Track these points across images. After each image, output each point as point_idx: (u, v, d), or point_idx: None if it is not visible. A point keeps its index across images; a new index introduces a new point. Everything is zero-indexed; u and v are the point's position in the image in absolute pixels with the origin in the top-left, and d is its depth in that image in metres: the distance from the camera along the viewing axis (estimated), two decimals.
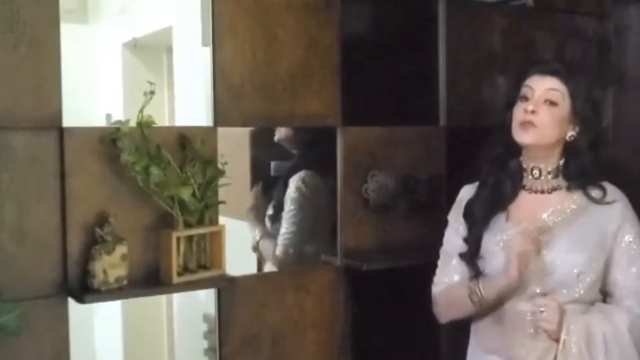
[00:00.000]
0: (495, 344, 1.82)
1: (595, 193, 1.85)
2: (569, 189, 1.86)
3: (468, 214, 1.94)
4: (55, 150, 1.99)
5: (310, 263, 2.66)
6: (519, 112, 1.83)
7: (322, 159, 2.57)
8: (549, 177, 1.87)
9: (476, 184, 1.97)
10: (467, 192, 1.98)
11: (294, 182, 2.64)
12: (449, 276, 1.96)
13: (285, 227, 2.64)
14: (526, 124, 1.80)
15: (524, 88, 1.84)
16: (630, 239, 1.82)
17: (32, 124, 1.95)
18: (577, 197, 1.86)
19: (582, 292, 1.79)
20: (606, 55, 3.13)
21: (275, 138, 2.68)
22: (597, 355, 1.72)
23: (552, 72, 1.83)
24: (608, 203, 1.83)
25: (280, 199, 2.67)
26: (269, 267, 2.71)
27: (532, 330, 1.76)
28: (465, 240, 1.93)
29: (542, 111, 1.80)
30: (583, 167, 1.85)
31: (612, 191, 1.86)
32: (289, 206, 2.64)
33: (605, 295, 1.86)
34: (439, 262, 2.01)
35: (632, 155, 3.04)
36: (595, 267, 1.81)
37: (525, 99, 1.83)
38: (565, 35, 3.05)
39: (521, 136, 1.82)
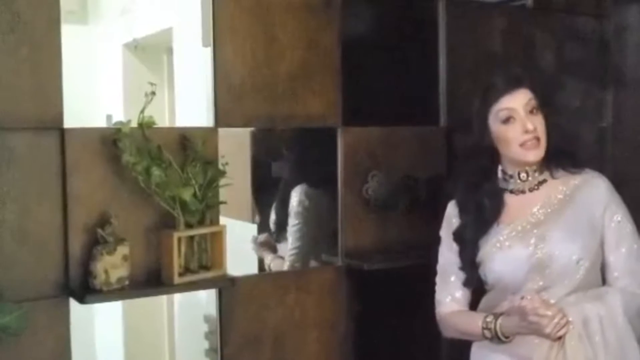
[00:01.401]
0: (506, 343, 1.82)
1: (572, 169, 1.88)
2: (552, 178, 1.88)
3: (458, 240, 1.95)
4: (57, 151, 1.99)
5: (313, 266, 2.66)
6: (515, 135, 1.82)
7: (323, 164, 2.57)
8: (536, 174, 1.89)
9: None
10: (454, 209, 1.99)
11: (296, 194, 2.64)
12: (451, 294, 1.96)
13: (291, 241, 2.64)
14: (530, 142, 1.82)
15: (500, 112, 1.84)
16: (619, 219, 1.84)
17: (33, 124, 1.96)
18: (561, 186, 1.88)
19: (582, 278, 1.81)
20: (605, 55, 3.13)
21: (285, 150, 2.68)
22: (594, 336, 1.73)
23: (515, 84, 1.84)
24: (582, 174, 1.87)
25: (284, 206, 2.67)
26: None
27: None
28: (461, 268, 1.94)
29: (536, 123, 1.82)
30: (560, 148, 1.88)
31: (592, 172, 1.89)
32: (293, 220, 2.63)
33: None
34: (437, 279, 2.01)
35: (632, 154, 3.04)
36: (591, 251, 1.83)
37: (511, 120, 1.83)
38: (564, 35, 3.06)
39: (531, 156, 1.83)
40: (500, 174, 1.92)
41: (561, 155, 1.89)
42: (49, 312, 1.99)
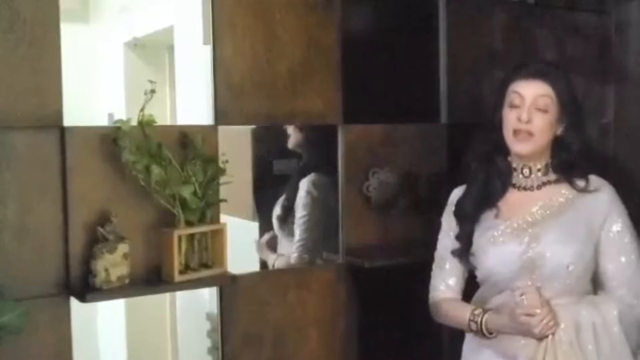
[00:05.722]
0: (490, 339, 1.83)
1: (580, 183, 1.86)
2: (557, 182, 1.87)
3: (458, 212, 1.95)
4: (57, 150, 2.00)
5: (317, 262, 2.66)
6: (511, 120, 1.82)
7: (329, 159, 2.57)
8: (539, 174, 1.88)
9: (465, 186, 1.99)
10: (457, 195, 1.99)
11: (304, 185, 2.63)
12: (444, 281, 1.98)
13: (299, 234, 2.63)
14: (522, 133, 1.81)
15: (512, 94, 1.83)
16: (619, 229, 1.83)
17: (33, 123, 1.96)
18: (565, 190, 1.86)
19: (572, 284, 1.80)
20: (607, 52, 3.12)
21: (289, 146, 2.67)
22: (587, 345, 1.73)
23: (538, 75, 1.83)
24: (590, 191, 1.84)
25: (291, 200, 2.67)
26: None
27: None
28: (457, 237, 1.94)
29: (535, 119, 1.80)
30: (571, 160, 1.86)
31: (598, 181, 1.87)
32: (300, 212, 2.63)
33: (596, 285, 1.86)
34: (434, 266, 2.02)
35: (633, 151, 3.03)
36: (584, 258, 1.81)
37: (515, 106, 1.82)
38: (565, 31, 3.04)
39: (518, 147, 1.83)
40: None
41: (571, 168, 1.86)
42: (49, 311, 2.00)
